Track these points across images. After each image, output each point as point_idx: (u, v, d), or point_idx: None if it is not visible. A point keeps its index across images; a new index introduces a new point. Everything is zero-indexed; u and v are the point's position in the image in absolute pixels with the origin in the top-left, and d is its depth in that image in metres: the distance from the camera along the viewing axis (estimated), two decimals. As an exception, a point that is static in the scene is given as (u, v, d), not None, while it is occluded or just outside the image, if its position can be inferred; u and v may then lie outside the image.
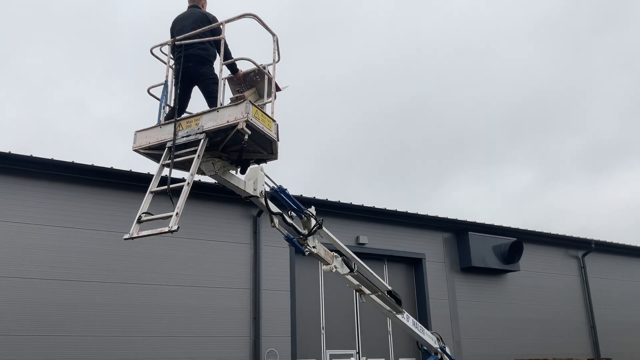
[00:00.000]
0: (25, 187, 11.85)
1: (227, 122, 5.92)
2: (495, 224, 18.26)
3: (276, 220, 7.12)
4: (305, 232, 7.44)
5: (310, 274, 15.36)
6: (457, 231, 17.80)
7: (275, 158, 6.76)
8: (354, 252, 15.70)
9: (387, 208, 15.95)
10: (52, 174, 12.13)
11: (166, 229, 5.54)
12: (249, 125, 5.89)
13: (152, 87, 6.99)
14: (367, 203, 15.76)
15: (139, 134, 6.58)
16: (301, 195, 14.39)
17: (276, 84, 6.91)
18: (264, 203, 6.92)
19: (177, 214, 5.56)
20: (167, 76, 6.67)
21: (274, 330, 13.82)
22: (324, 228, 7.70)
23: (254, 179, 6.75)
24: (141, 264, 12.63)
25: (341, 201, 15.18)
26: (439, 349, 10.95)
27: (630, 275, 22.15)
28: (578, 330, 19.81)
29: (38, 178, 12.00)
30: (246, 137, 5.93)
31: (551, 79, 58.81)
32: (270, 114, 6.44)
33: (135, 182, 12.93)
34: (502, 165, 59.44)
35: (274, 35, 6.59)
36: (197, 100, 7.12)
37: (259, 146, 6.46)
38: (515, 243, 17.96)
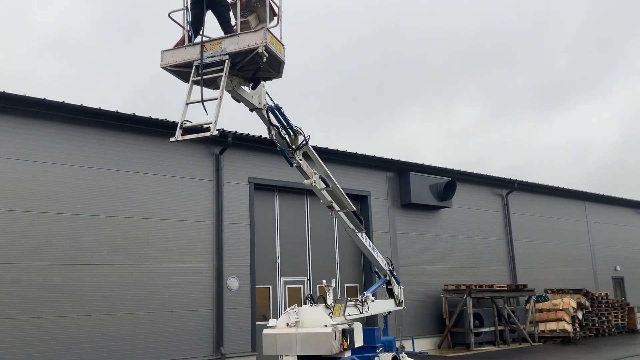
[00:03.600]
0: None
1: (248, 46, 7.05)
2: (434, 163, 20.09)
3: (273, 132, 8.31)
4: (294, 146, 8.62)
5: (267, 209, 16.55)
6: (400, 171, 19.44)
7: (280, 77, 7.93)
8: (307, 190, 16.99)
9: (338, 149, 17.20)
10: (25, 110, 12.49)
11: (208, 134, 6.73)
12: (266, 49, 7.04)
13: (173, 11, 7.88)
14: (319, 140, 16.94)
15: (165, 53, 7.55)
16: (248, 133, 15.39)
17: (273, 10, 7.94)
18: (265, 116, 8.01)
19: (215, 122, 6.73)
20: (186, 2, 7.63)
21: (235, 259, 15.03)
22: (309, 145, 8.90)
23: (258, 94, 7.85)
24: (112, 198, 13.35)
25: (296, 141, 16.23)
26: (388, 272, 12.46)
27: (547, 211, 24.85)
28: (499, 260, 22.29)
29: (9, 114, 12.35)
30: (264, 59, 7.06)
31: (510, 11, 60.20)
32: (278, 39, 7.55)
33: (107, 120, 13.51)
34: (452, 99, 61.32)
35: None
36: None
37: (269, 66, 7.59)
38: (450, 182, 19.84)
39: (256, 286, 15.42)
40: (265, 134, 15.39)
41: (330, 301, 9.28)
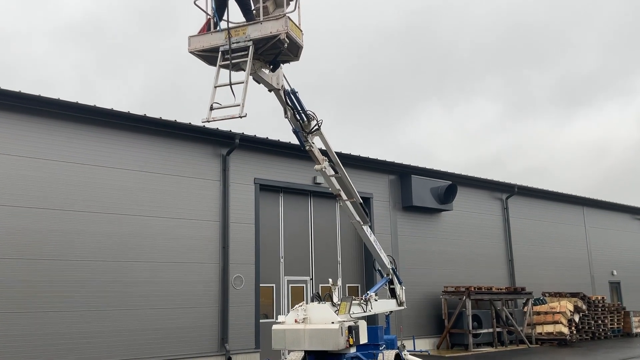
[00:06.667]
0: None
1: (271, 32, 7.59)
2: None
3: (289, 113, 8.76)
4: (307, 130, 9.21)
5: (272, 210, 16.89)
6: (402, 174, 19.79)
7: (298, 60, 8.42)
8: (311, 191, 17.41)
9: (342, 152, 17.51)
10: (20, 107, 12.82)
11: (237, 115, 7.19)
12: (287, 35, 7.57)
13: None
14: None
15: (192, 39, 8.08)
16: (255, 135, 15.74)
17: None
18: (282, 97, 8.51)
19: (242, 104, 7.21)
20: None
21: (240, 258, 15.37)
22: (321, 130, 9.32)
23: (276, 76, 8.38)
24: (121, 197, 13.67)
25: (302, 144, 16.58)
26: (390, 270, 12.75)
27: (545, 216, 25.21)
28: (498, 263, 22.64)
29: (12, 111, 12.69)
30: (285, 45, 7.59)
31: (540, 7, 59.67)
32: (297, 25, 8.05)
33: (119, 121, 13.85)
34: (473, 97, 60.78)
35: None
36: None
37: (288, 51, 8.11)
38: (451, 186, 20.19)
39: (260, 285, 15.75)
40: (272, 135, 16.01)
41: (335, 299, 9.61)
